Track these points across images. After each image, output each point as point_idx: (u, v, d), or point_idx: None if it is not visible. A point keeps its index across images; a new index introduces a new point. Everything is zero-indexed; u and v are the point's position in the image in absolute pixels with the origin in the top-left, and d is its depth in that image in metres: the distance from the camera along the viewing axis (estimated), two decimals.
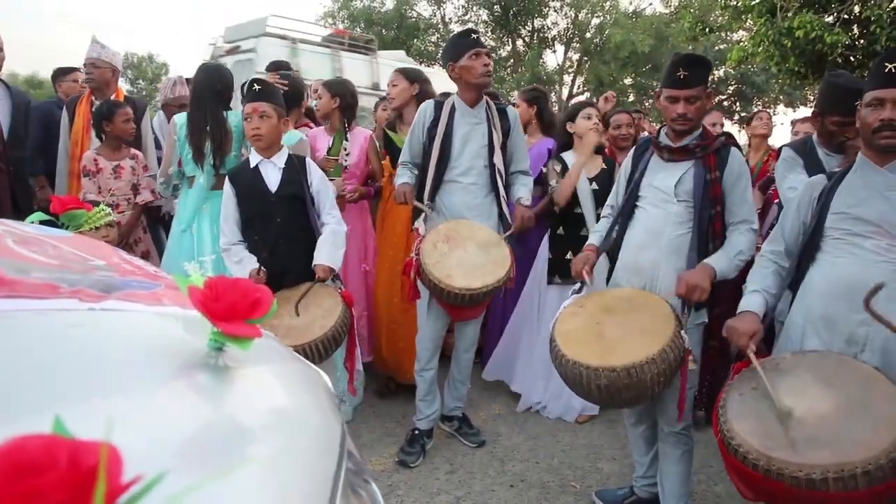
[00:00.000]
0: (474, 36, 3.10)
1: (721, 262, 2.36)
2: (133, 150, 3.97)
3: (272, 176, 2.97)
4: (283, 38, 8.07)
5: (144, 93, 29.82)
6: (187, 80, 4.43)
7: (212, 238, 3.37)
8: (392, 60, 9.01)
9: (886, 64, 1.98)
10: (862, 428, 1.67)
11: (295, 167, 3.01)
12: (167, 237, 3.91)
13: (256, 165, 2.97)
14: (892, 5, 7.62)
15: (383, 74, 7.88)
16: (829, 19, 7.98)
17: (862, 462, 1.58)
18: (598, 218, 3.63)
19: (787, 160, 2.93)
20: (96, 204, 2.69)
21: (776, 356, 2.07)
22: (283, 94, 3.21)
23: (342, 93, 3.85)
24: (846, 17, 7.99)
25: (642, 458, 2.85)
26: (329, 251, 2.90)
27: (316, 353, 2.57)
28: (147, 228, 4.14)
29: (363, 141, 3.90)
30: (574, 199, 3.65)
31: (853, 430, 1.67)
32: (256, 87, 2.91)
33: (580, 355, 2.19)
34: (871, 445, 1.61)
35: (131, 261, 1.42)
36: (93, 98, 4.33)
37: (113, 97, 4.25)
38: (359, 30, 23.53)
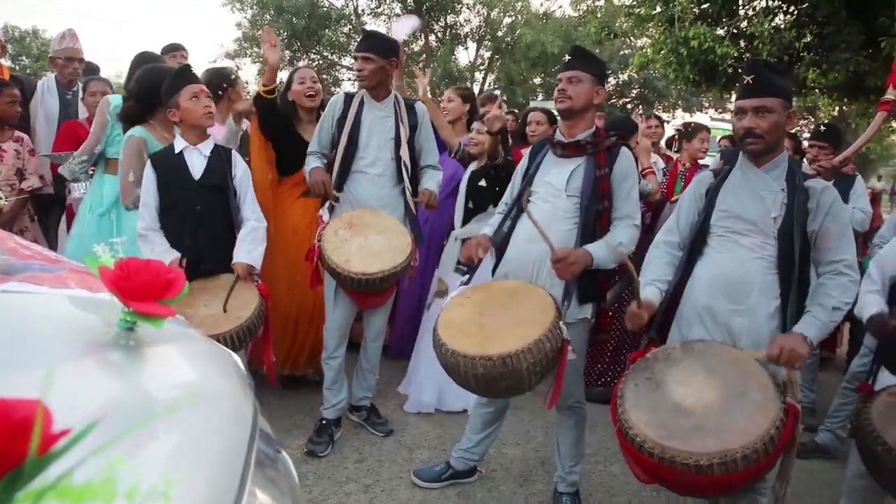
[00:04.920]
0: (361, 38, 3.19)
1: (601, 249, 2.47)
2: (18, 133, 3.73)
3: (196, 163, 2.94)
4: None
5: (29, 71, 27.64)
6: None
7: (127, 225, 3.24)
8: None
9: (745, 76, 2.18)
10: (741, 415, 1.87)
11: (220, 157, 2.99)
12: (69, 225, 3.69)
13: (181, 151, 2.93)
14: (772, 24, 8.25)
15: None
16: (721, 32, 8.53)
17: (741, 448, 1.79)
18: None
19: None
20: None
21: (667, 346, 2.24)
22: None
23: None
24: (735, 31, 8.56)
25: (473, 435, 2.97)
26: (249, 249, 2.91)
27: (230, 343, 2.56)
28: (35, 217, 3.90)
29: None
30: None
31: (734, 417, 1.87)
32: (193, 71, 2.98)
33: (459, 345, 2.24)
34: (748, 432, 1.82)
35: (28, 246, 1.37)
36: None
37: None
38: (268, 17, 22.87)
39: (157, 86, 3.10)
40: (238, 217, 2.98)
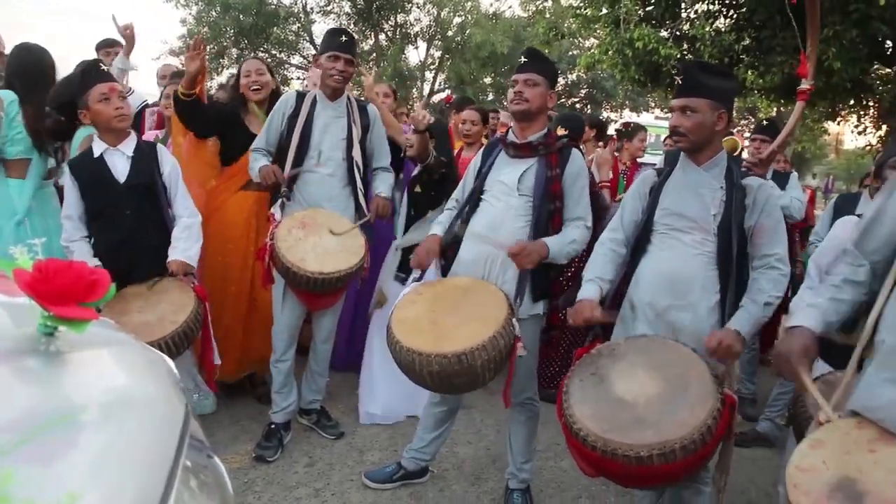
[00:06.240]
0: (343, 39, 3.12)
1: (556, 244, 2.52)
2: None
3: (119, 165, 2.80)
4: None
5: None
6: None
7: (42, 230, 3.12)
8: None
9: (675, 77, 2.26)
10: (680, 407, 1.92)
11: (145, 155, 2.86)
12: None
13: (101, 155, 2.79)
14: (713, 27, 8.51)
15: None
16: (664, 34, 8.75)
17: (680, 438, 1.83)
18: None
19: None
20: None
21: (612, 342, 2.29)
22: None
23: None
24: (678, 33, 8.79)
25: (425, 435, 2.97)
26: (184, 247, 2.82)
27: (167, 350, 2.47)
28: None
29: None
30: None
31: (673, 409, 1.92)
32: (104, 67, 2.79)
33: (414, 342, 2.25)
34: (687, 423, 1.87)
35: None
36: None
37: None
38: (214, 13, 22.34)
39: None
40: (169, 215, 2.88)
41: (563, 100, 25.47)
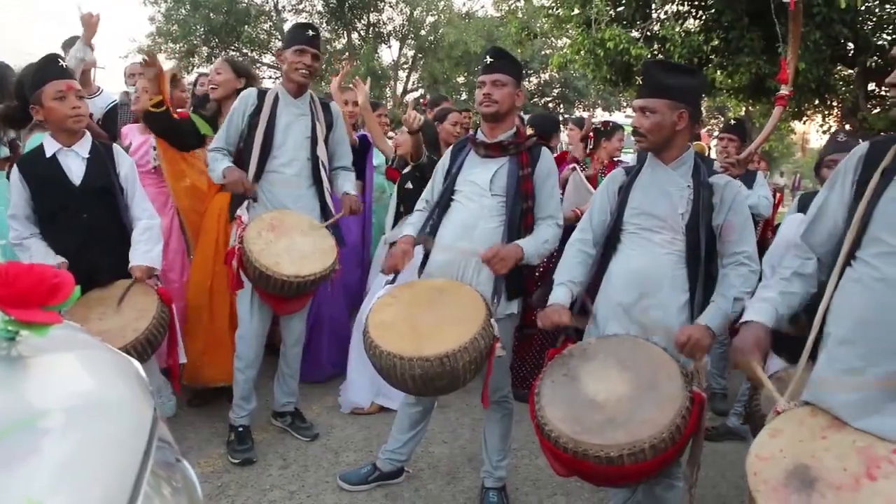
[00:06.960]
0: (309, 33, 3.08)
1: (530, 245, 2.55)
2: None
3: (74, 166, 2.71)
4: None
5: None
6: None
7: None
8: None
9: (637, 78, 2.29)
10: (650, 406, 1.94)
11: (101, 156, 2.76)
12: None
13: (54, 155, 2.68)
14: (683, 27, 8.64)
15: None
16: (635, 34, 8.85)
17: (649, 437, 1.85)
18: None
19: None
20: None
21: (583, 342, 2.30)
22: None
23: None
24: (648, 34, 8.90)
25: (400, 435, 2.96)
26: (145, 249, 2.74)
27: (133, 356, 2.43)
28: None
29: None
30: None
31: (643, 409, 1.94)
32: (62, 63, 2.65)
33: (394, 346, 2.23)
34: (657, 422, 1.89)
35: None
36: None
37: None
38: (184, 11, 22.00)
39: None
40: (128, 217, 2.81)
41: (535, 99, 25.62)
